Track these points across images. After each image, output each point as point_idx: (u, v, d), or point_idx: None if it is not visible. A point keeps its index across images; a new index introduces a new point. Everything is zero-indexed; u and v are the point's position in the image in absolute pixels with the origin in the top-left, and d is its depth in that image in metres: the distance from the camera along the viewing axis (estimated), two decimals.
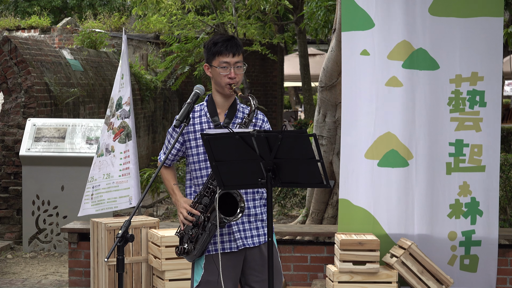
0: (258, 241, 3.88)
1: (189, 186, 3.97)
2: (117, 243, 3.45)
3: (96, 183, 6.65)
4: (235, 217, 3.74)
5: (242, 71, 3.89)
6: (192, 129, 3.90)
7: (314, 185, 3.59)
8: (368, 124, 5.89)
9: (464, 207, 5.86)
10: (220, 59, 3.84)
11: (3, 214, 8.61)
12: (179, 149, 3.96)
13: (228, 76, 3.83)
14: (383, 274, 5.57)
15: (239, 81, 3.87)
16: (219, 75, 3.85)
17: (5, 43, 8.81)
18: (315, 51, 21.08)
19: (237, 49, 3.86)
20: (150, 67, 14.63)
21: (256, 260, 3.87)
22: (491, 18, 5.78)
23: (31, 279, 7.17)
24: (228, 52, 3.84)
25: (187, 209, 3.78)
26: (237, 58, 3.86)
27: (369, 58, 5.87)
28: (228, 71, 3.83)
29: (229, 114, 3.89)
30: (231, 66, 3.84)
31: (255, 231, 3.88)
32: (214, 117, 3.88)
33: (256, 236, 3.88)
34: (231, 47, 3.85)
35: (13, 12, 21.04)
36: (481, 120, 5.84)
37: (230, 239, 3.86)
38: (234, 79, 3.84)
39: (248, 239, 3.87)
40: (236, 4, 12.84)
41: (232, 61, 3.84)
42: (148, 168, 10.18)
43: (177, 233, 3.87)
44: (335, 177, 7.17)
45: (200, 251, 3.82)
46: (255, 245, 3.88)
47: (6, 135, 8.69)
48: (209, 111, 3.90)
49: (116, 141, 6.58)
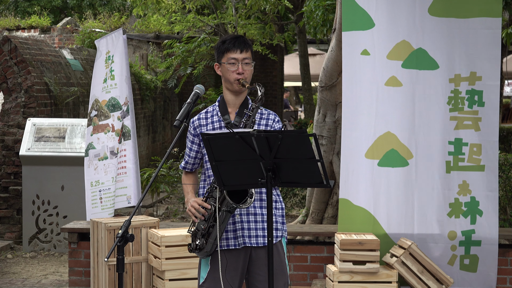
0: (263, 242, 3.87)
1: (202, 187, 3.97)
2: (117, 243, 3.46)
3: (104, 186, 6.62)
4: (245, 203, 3.73)
5: (251, 68, 3.92)
6: (205, 130, 3.91)
7: (314, 185, 3.60)
8: (368, 124, 5.89)
9: (464, 207, 5.87)
10: (229, 55, 3.89)
11: (3, 214, 8.61)
12: (198, 150, 3.98)
13: (236, 72, 3.87)
14: (383, 274, 5.57)
15: (247, 77, 3.90)
16: (228, 71, 3.88)
17: (5, 43, 8.81)
18: (315, 51, 21.09)
19: (245, 46, 3.91)
20: (150, 67, 14.63)
21: (261, 259, 3.87)
22: (489, 18, 5.80)
23: (31, 279, 7.17)
24: (236, 49, 3.89)
25: (198, 202, 3.78)
26: (245, 55, 3.90)
27: (369, 58, 5.87)
28: (236, 67, 3.88)
29: (240, 112, 3.91)
30: (239, 62, 3.88)
31: (261, 231, 3.87)
32: (225, 115, 3.90)
33: (262, 237, 3.88)
34: (239, 43, 3.90)
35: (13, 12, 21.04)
36: (480, 120, 5.85)
37: (234, 236, 3.86)
38: (243, 74, 3.87)
39: (252, 238, 3.86)
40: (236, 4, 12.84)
41: (240, 57, 3.88)
42: (148, 168, 10.18)
43: (189, 231, 3.88)
44: (335, 177, 7.17)
45: (212, 246, 3.81)
46: (259, 245, 3.87)
47: (6, 135, 8.69)
48: (220, 110, 3.93)
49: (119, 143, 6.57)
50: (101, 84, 6.69)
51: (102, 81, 6.68)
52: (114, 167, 6.56)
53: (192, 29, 12.68)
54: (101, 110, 6.65)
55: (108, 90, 6.64)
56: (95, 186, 6.64)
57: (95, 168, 6.67)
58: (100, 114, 6.65)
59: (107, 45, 6.75)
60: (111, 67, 6.68)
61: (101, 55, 6.78)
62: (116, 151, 6.56)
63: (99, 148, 6.66)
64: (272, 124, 3.93)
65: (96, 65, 6.85)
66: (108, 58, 6.73)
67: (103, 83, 6.67)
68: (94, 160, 6.67)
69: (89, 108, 6.79)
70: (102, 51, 6.77)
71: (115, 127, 6.58)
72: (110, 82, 6.64)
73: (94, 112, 6.67)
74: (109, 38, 6.76)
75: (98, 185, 6.63)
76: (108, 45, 6.74)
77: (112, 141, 6.60)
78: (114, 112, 6.58)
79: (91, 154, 6.69)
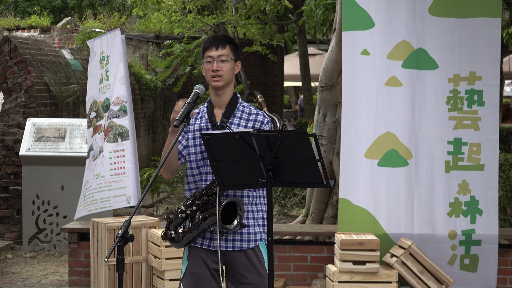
0: (240, 246, 3.84)
1: (188, 190, 3.95)
2: (117, 243, 3.45)
3: (88, 185, 6.64)
4: (232, 226, 3.75)
5: (228, 65, 3.85)
6: (191, 129, 3.90)
7: (314, 185, 3.59)
8: (367, 124, 5.90)
9: (464, 206, 5.87)
10: (206, 54, 3.87)
11: (3, 214, 8.61)
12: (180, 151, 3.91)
13: (210, 69, 3.84)
14: (383, 274, 5.57)
15: (224, 75, 3.83)
16: (205, 70, 3.87)
17: (5, 43, 8.81)
18: (315, 51, 21.09)
19: (221, 43, 3.85)
20: (150, 67, 14.64)
21: (241, 263, 3.84)
22: (489, 18, 5.81)
23: (31, 279, 7.17)
24: (212, 47, 3.85)
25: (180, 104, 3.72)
26: (221, 51, 3.84)
27: (369, 57, 5.88)
28: (211, 65, 3.84)
29: (226, 114, 3.86)
30: (214, 60, 3.84)
31: (238, 235, 3.84)
32: (211, 117, 3.87)
33: (239, 241, 3.84)
34: (215, 41, 3.86)
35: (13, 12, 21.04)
36: (479, 119, 5.85)
37: (211, 237, 3.84)
38: (218, 71, 3.82)
39: (228, 242, 3.83)
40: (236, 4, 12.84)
41: (215, 55, 3.84)
42: (148, 168, 10.17)
43: (167, 217, 3.87)
44: (335, 177, 7.17)
45: (187, 242, 3.82)
46: (235, 249, 3.84)
47: (6, 135, 8.69)
48: (208, 112, 3.90)
49: (105, 142, 6.55)
50: (98, 85, 6.68)
51: (98, 82, 6.68)
52: (97, 165, 6.56)
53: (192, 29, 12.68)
54: (98, 111, 6.65)
55: (104, 91, 6.64)
56: (85, 185, 6.65)
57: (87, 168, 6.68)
58: (97, 115, 6.66)
59: (101, 46, 6.73)
60: (106, 67, 6.67)
61: (95, 56, 6.77)
62: (101, 150, 6.55)
63: (95, 149, 6.66)
64: (260, 127, 3.86)
65: (91, 66, 6.83)
66: (102, 59, 6.71)
67: (100, 83, 6.67)
68: (91, 161, 6.67)
69: (87, 110, 6.77)
70: (96, 52, 6.75)
71: (104, 127, 6.58)
72: (106, 82, 6.64)
73: (93, 113, 6.67)
74: (103, 39, 6.74)
75: (86, 184, 6.64)
76: (103, 46, 6.72)
77: (101, 140, 6.61)
78: (106, 113, 6.59)
79: (91, 155, 6.69)
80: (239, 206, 3.75)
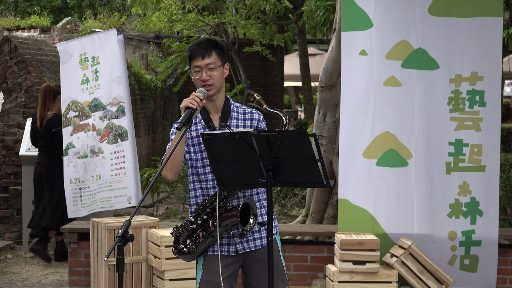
0: (260, 244, 3.88)
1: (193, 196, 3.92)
2: (117, 243, 3.45)
3: (83, 184, 6.67)
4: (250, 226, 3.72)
5: (216, 72, 3.79)
6: (189, 136, 3.87)
7: (314, 185, 3.59)
8: (365, 124, 5.89)
9: (464, 207, 5.86)
10: (193, 63, 3.81)
11: (3, 214, 8.61)
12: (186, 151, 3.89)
13: (200, 79, 3.79)
14: (383, 274, 5.57)
15: (214, 83, 3.79)
16: (194, 80, 3.82)
17: (5, 43, 8.81)
18: (315, 51, 21.09)
19: (207, 51, 3.78)
20: (150, 67, 14.63)
21: (258, 259, 3.87)
22: (490, 18, 5.79)
23: (31, 279, 7.17)
24: (198, 55, 3.78)
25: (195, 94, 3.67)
26: (207, 60, 3.78)
27: (367, 58, 5.87)
28: (199, 74, 3.79)
29: (224, 117, 3.85)
30: (202, 69, 3.78)
31: (257, 234, 3.86)
32: (209, 122, 3.84)
33: (259, 239, 3.87)
34: (200, 49, 3.78)
35: (13, 12, 21.03)
36: (481, 120, 5.84)
37: (229, 243, 3.84)
38: (208, 81, 3.77)
39: (250, 242, 3.86)
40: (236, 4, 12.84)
41: (202, 64, 3.78)
42: (148, 168, 10.17)
43: (172, 233, 3.85)
44: (335, 177, 7.17)
45: (200, 253, 3.82)
46: (257, 248, 3.87)
47: (6, 135, 8.69)
48: (203, 118, 3.86)
49: (104, 142, 6.60)
50: (79, 85, 6.73)
51: (79, 83, 6.72)
52: (96, 166, 6.60)
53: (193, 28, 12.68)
54: (82, 110, 6.70)
55: (92, 91, 6.69)
56: (75, 183, 6.69)
57: (74, 166, 6.71)
58: (81, 115, 6.72)
59: (82, 47, 6.77)
60: (94, 68, 6.69)
61: (71, 57, 6.81)
62: (97, 150, 6.60)
63: (78, 147, 6.70)
64: (257, 125, 3.87)
65: (64, 68, 6.85)
66: (85, 60, 6.74)
67: (82, 84, 6.72)
68: (74, 158, 6.72)
69: (63, 110, 6.82)
70: (73, 54, 6.79)
71: (96, 127, 6.63)
72: (94, 83, 6.68)
73: (72, 113, 6.74)
74: (84, 40, 6.78)
75: (78, 183, 6.68)
76: (84, 47, 6.76)
77: (93, 140, 6.64)
78: (95, 112, 6.64)
79: (71, 152, 6.75)
80: (251, 206, 3.74)
